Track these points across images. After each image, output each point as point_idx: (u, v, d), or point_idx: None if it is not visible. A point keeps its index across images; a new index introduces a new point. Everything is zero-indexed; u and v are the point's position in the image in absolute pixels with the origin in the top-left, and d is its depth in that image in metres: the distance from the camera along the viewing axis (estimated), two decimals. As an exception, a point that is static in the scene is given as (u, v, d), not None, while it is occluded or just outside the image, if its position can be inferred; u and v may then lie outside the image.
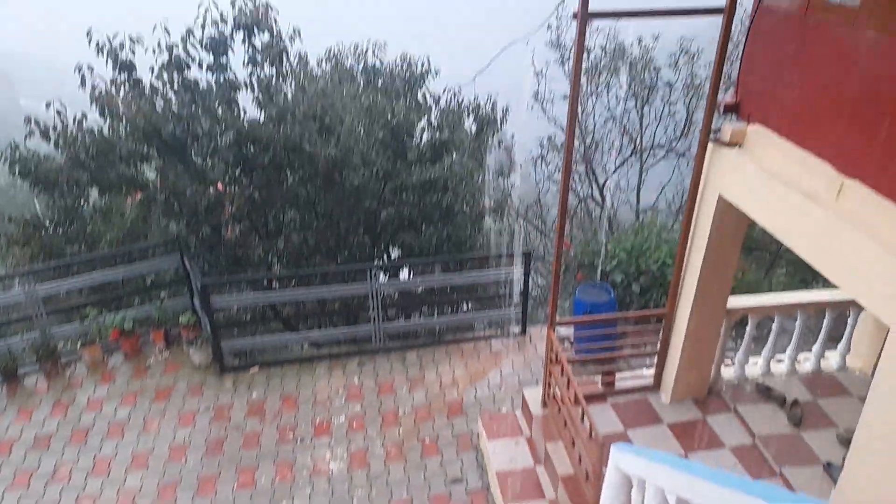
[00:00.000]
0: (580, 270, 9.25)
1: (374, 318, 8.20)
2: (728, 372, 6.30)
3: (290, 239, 8.93)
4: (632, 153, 12.80)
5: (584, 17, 4.10)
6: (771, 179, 4.04)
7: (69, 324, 8.57)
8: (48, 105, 8.12)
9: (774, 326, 6.09)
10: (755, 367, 6.34)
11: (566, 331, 7.68)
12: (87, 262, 8.84)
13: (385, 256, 10.48)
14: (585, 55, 11.95)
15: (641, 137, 12.67)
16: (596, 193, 13.02)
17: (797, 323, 6.09)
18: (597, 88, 12.24)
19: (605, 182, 12.90)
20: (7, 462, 6.81)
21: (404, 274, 10.15)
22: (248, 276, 9.36)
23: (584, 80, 11.99)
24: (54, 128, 8.19)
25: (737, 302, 5.87)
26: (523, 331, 8.60)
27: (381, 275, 8.65)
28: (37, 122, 8.06)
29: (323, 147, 8.40)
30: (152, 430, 7.17)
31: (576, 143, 12.02)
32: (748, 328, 6.05)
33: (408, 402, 7.46)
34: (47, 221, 9.55)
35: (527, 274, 8.35)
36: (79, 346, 8.23)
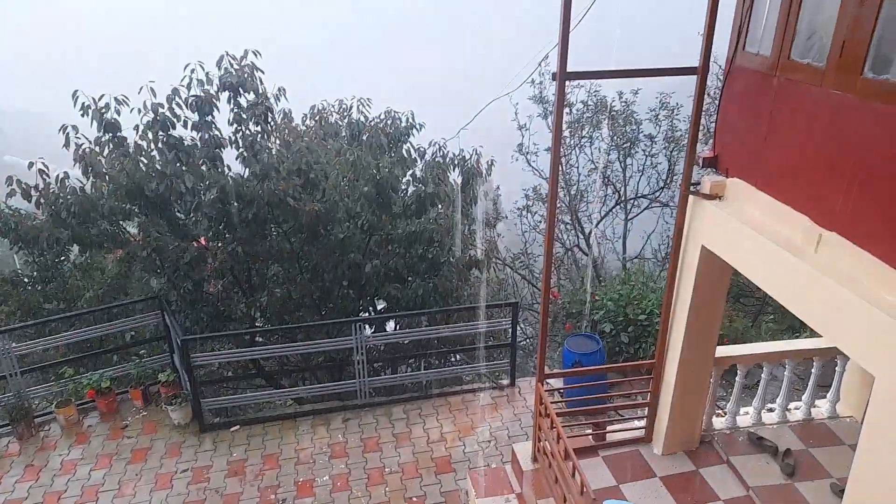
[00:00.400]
0: (568, 320, 9.21)
1: (360, 373, 8.06)
2: (719, 422, 6.22)
3: (273, 293, 8.84)
4: (616, 203, 12.98)
5: (563, 76, 4.20)
6: (751, 231, 4.08)
7: (45, 383, 8.35)
8: (30, 165, 8.12)
9: (764, 375, 6.06)
10: (746, 416, 6.27)
11: (556, 382, 7.58)
12: (65, 319, 8.69)
13: (370, 309, 10.39)
14: (567, 109, 12.26)
15: (625, 188, 12.88)
16: (582, 243, 13.12)
17: (786, 371, 6.06)
18: (580, 141, 12.50)
19: (591, 232, 13.03)
20: (-27, 532, 6.50)
21: (390, 326, 10.05)
22: (231, 331, 9.21)
23: (566, 133, 12.25)
24: (36, 187, 8.15)
25: (725, 351, 5.86)
26: (512, 382, 8.49)
27: (367, 328, 8.55)
28: (19, 181, 8.03)
29: (307, 202, 8.42)
30: (128, 493, 6.90)
31: (560, 193, 12.17)
32: (738, 377, 6.02)
33: (394, 460, 7.27)
34: (26, 279, 9.43)
35: (514, 324, 8.31)
36: (54, 406, 7.98)
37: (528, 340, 12.29)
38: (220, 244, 8.90)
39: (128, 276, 9.31)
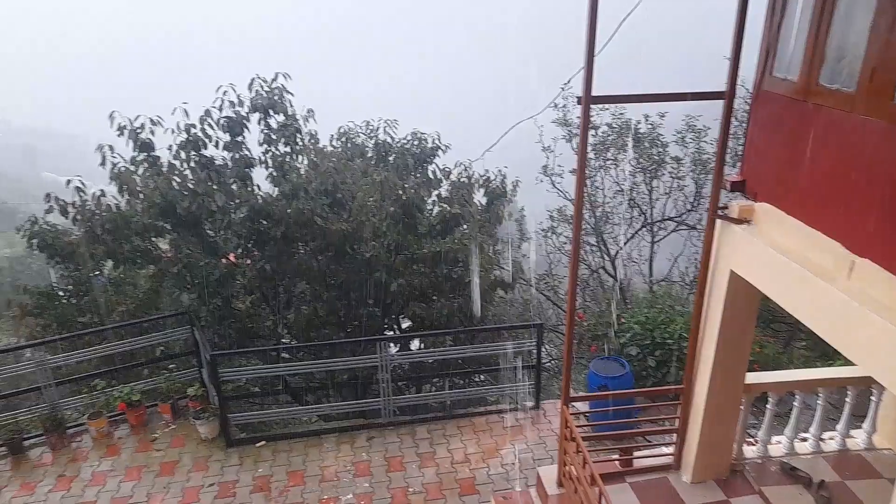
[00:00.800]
0: (594, 342, 9.13)
1: (384, 391, 8.07)
2: (751, 451, 6.08)
3: (300, 310, 8.95)
4: (642, 226, 12.87)
5: (588, 101, 4.23)
6: (781, 257, 4.03)
7: (77, 395, 8.53)
8: (68, 182, 8.40)
9: (796, 403, 5.92)
10: (779, 445, 6.12)
11: (581, 405, 7.50)
12: (98, 332, 8.88)
13: (395, 328, 10.43)
14: (592, 132, 12.24)
15: (651, 210, 12.77)
16: (608, 265, 13.01)
17: (819, 400, 5.92)
18: (604, 163, 12.46)
19: (617, 254, 12.91)
20: (6, 540, 6.63)
21: (414, 345, 10.07)
22: (258, 347, 9.33)
23: (591, 155, 12.23)
24: (73, 204, 8.42)
25: (756, 378, 5.73)
26: (536, 405, 8.41)
27: (391, 346, 8.59)
28: (56, 198, 8.30)
29: (335, 221, 8.55)
30: (156, 507, 6.98)
31: (585, 215, 12.12)
32: (769, 405, 5.89)
33: (418, 480, 7.23)
34: (61, 292, 9.68)
35: (539, 346, 8.25)
36: (86, 417, 8.15)
37: (552, 362, 12.18)
38: (248, 261, 9.07)
39: (159, 292, 9.50)
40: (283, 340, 9.63)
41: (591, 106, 4.45)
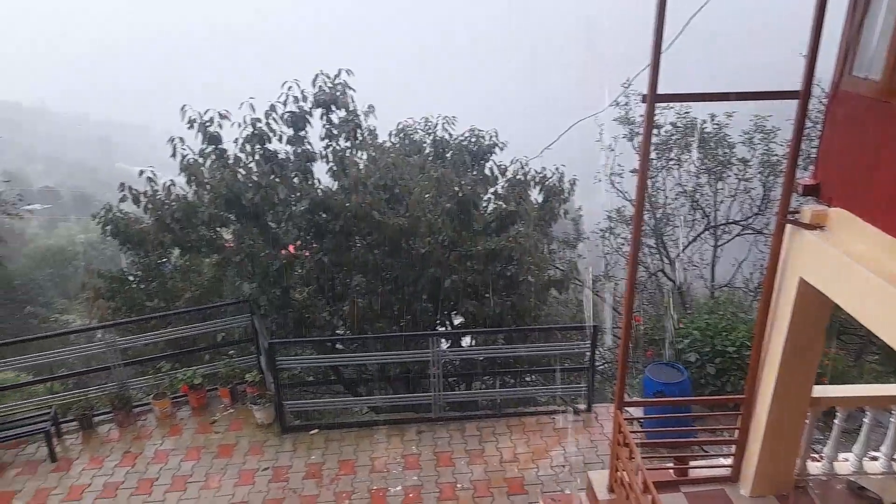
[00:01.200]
0: (650, 347, 8.92)
1: (434, 386, 8.12)
2: (815, 467, 5.81)
3: (355, 303, 9.09)
4: (705, 229, 12.46)
5: (653, 99, 4.12)
6: (857, 265, 3.82)
7: (143, 376, 8.94)
8: (141, 172, 8.80)
9: (866, 420, 5.62)
10: (846, 463, 5.83)
11: (636, 411, 7.33)
12: (164, 317, 9.29)
13: (447, 324, 10.46)
14: (655, 131, 11.93)
15: (715, 213, 12.34)
16: (667, 268, 12.65)
17: (892, 418, 5.60)
18: (667, 163, 12.12)
19: (677, 257, 12.55)
20: (76, 510, 7.01)
21: (466, 342, 10.07)
22: (314, 337, 9.53)
23: (653, 154, 11.92)
24: (145, 193, 8.81)
25: (824, 391, 5.48)
26: (588, 408, 8.29)
27: (443, 342, 8.62)
28: (129, 188, 8.71)
29: (392, 216, 8.64)
30: (213, 486, 7.24)
31: (645, 216, 11.83)
32: (837, 420, 5.61)
33: (466, 476, 7.25)
34: (131, 277, 10.16)
35: (593, 348, 8.13)
36: (151, 398, 8.54)
37: (606, 365, 11.97)
38: (307, 253, 9.28)
39: (222, 280, 9.84)
40: (338, 332, 9.81)
41: (656, 104, 4.34)
